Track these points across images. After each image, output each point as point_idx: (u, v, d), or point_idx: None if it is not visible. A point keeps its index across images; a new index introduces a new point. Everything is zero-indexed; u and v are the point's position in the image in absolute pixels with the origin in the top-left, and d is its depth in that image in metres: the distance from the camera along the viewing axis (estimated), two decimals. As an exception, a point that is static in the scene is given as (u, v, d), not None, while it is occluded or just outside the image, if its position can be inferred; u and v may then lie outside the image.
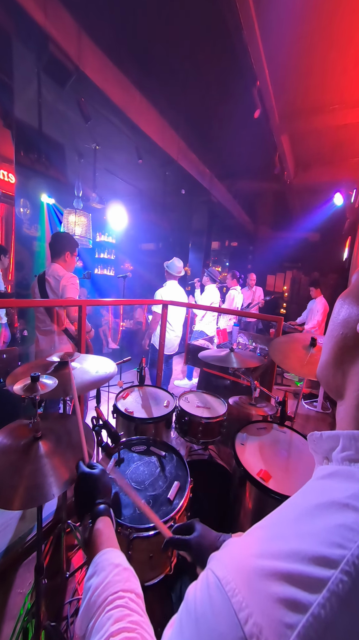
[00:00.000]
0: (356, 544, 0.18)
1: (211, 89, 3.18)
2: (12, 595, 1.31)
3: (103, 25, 2.53)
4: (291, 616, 0.17)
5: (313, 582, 0.17)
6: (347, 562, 0.18)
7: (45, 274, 2.12)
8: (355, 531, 0.19)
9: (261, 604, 0.17)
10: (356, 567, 0.17)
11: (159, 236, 7.08)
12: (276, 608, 0.17)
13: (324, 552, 0.18)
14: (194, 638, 0.20)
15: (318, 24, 2.33)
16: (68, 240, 2.22)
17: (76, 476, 0.62)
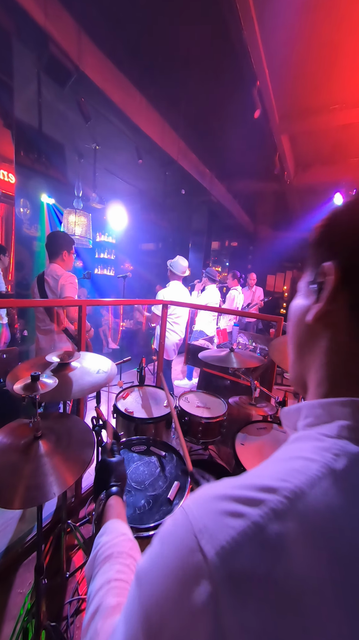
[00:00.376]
0: (299, 479, 0.23)
1: (211, 89, 3.18)
2: (12, 595, 1.31)
3: (103, 25, 2.53)
4: (235, 521, 0.21)
5: (257, 502, 0.21)
6: (287, 489, 0.22)
7: (44, 274, 2.13)
8: (301, 472, 0.23)
9: (211, 515, 0.22)
10: (295, 494, 0.21)
11: (159, 236, 7.08)
12: (223, 516, 0.21)
13: (271, 484, 0.23)
14: (158, 546, 0.24)
15: (318, 24, 2.33)
16: (63, 238, 2.23)
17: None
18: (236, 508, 0.21)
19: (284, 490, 0.22)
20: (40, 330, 2.13)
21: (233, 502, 0.22)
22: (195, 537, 0.21)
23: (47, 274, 2.12)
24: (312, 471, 0.23)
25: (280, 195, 5.88)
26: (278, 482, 0.23)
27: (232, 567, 0.19)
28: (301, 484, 0.22)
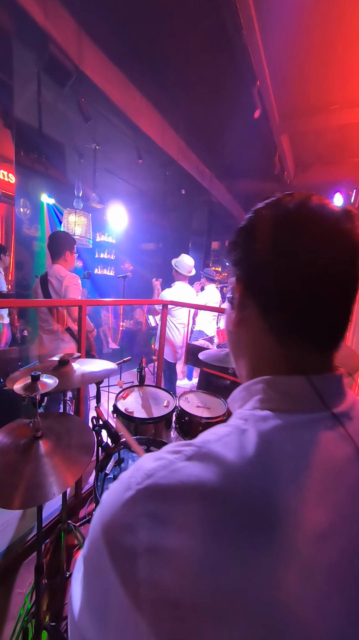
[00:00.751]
0: (210, 437, 0.30)
1: (211, 89, 3.18)
2: (12, 595, 1.31)
3: (103, 25, 2.53)
4: (158, 461, 0.28)
5: (177, 452, 0.29)
6: (199, 442, 0.30)
7: (47, 274, 2.13)
8: (214, 433, 0.31)
9: (146, 460, 0.29)
10: (203, 443, 0.29)
11: (159, 236, 7.08)
12: (152, 460, 0.29)
13: (191, 442, 0.30)
14: (104, 497, 0.29)
15: (318, 24, 2.33)
16: (65, 239, 2.22)
17: None
18: (162, 455, 0.29)
19: (197, 443, 0.30)
20: (44, 330, 2.14)
21: (163, 453, 0.29)
22: (132, 476, 0.28)
23: (51, 275, 2.12)
24: (222, 432, 0.31)
25: (280, 195, 5.87)
26: (196, 441, 0.30)
27: (149, 484, 0.26)
28: (210, 439, 0.30)
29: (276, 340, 0.35)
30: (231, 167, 5.16)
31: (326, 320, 0.33)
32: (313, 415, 0.31)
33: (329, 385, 0.33)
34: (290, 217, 0.34)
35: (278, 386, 0.34)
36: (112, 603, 0.25)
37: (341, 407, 0.33)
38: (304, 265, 0.32)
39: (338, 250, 0.32)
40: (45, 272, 2.16)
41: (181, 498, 0.25)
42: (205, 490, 0.25)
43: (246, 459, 0.27)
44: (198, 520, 0.24)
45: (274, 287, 0.34)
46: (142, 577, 0.23)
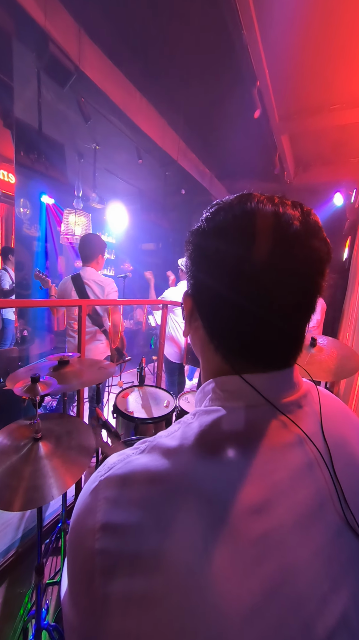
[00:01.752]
0: (163, 434, 0.35)
1: (211, 89, 3.17)
2: (12, 595, 1.31)
3: (103, 25, 2.52)
4: (119, 456, 0.33)
5: (135, 447, 0.34)
6: (153, 439, 0.34)
7: (82, 277, 2.17)
8: (168, 431, 0.35)
9: (112, 458, 0.34)
10: (155, 439, 0.34)
11: (159, 236, 7.07)
12: (117, 457, 0.34)
13: (148, 439, 0.35)
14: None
15: (318, 23, 2.32)
16: (98, 242, 2.31)
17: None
18: (124, 452, 0.34)
19: (151, 438, 0.34)
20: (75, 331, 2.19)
21: (126, 450, 0.34)
22: (99, 471, 0.33)
23: (87, 278, 2.16)
24: (173, 427, 0.35)
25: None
26: (151, 437, 0.35)
27: (109, 475, 0.31)
28: (162, 434, 0.35)
29: (214, 351, 0.39)
30: (231, 167, 5.15)
31: (256, 342, 0.35)
32: (256, 408, 0.34)
33: (270, 381, 0.35)
34: (213, 246, 0.36)
35: (223, 385, 0.37)
36: (78, 574, 0.30)
37: (289, 398, 0.36)
38: (235, 291, 0.34)
39: (267, 278, 0.32)
40: (77, 274, 2.20)
41: (130, 483, 0.30)
42: (148, 475, 0.30)
43: (186, 446, 0.31)
44: (140, 499, 0.29)
45: (208, 308, 0.38)
46: (97, 548, 0.28)
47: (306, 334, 0.37)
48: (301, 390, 0.38)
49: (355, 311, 3.53)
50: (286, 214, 0.33)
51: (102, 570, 0.27)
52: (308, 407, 0.37)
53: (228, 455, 0.31)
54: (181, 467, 0.30)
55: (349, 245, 5.60)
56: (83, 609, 0.28)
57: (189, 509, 0.27)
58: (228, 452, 0.31)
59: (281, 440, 0.33)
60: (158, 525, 0.27)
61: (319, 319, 4.28)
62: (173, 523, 0.27)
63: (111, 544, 0.27)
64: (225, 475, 0.29)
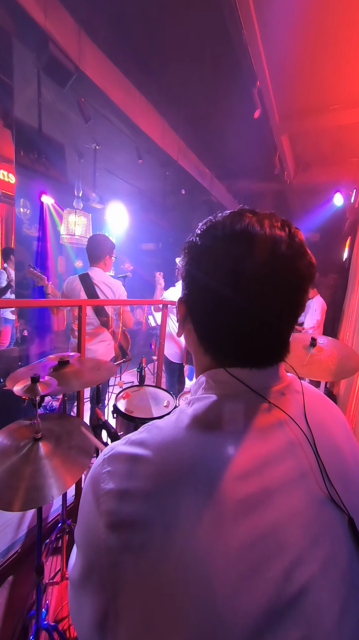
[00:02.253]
0: (157, 422, 0.39)
1: (211, 89, 3.17)
2: (12, 595, 1.31)
3: (103, 25, 2.52)
4: (120, 441, 0.38)
5: (135, 432, 0.39)
6: (150, 424, 0.39)
7: (91, 278, 2.16)
8: (164, 419, 0.40)
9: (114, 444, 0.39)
10: (151, 424, 0.39)
11: (159, 236, 7.07)
12: (118, 441, 0.38)
13: (146, 424, 0.40)
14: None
15: (318, 23, 2.32)
16: (106, 243, 2.26)
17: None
18: (126, 436, 0.39)
19: (148, 424, 0.39)
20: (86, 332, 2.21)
21: (129, 435, 0.39)
22: (104, 451, 0.38)
23: (96, 280, 2.16)
24: (169, 416, 0.40)
25: (280, 195, 5.87)
26: (149, 423, 0.40)
27: (111, 453, 0.36)
28: (159, 421, 0.39)
29: (204, 352, 0.43)
30: (231, 167, 5.15)
31: (242, 348, 0.40)
32: (244, 396, 0.39)
33: (256, 375, 0.40)
34: (207, 258, 0.40)
35: (215, 376, 0.41)
36: (86, 538, 0.34)
37: (273, 387, 0.40)
38: (222, 303, 0.38)
39: (252, 287, 0.36)
40: (85, 274, 2.18)
41: (124, 459, 0.35)
42: (145, 446, 0.35)
43: (180, 426, 0.37)
44: (137, 470, 0.33)
45: (199, 316, 0.43)
46: (102, 510, 0.33)
47: (290, 337, 0.42)
48: (285, 381, 0.43)
49: (355, 311, 3.53)
50: (273, 237, 0.36)
51: (106, 526, 0.32)
52: (290, 395, 0.42)
53: (217, 433, 0.35)
54: (175, 438, 0.35)
55: (349, 245, 5.60)
56: (89, 566, 0.33)
57: (181, 477, 0.32)
58: (218, 430, 0.35)
59: (266, 422, 0.37)
60: (151, 492, 0.31)
61: (319, 319, 4.28)
62: (168, 487, 0.31)
63: (113, 506, 0.32)
64: (215, 448, 0.34)
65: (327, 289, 6.32)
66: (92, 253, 2.22)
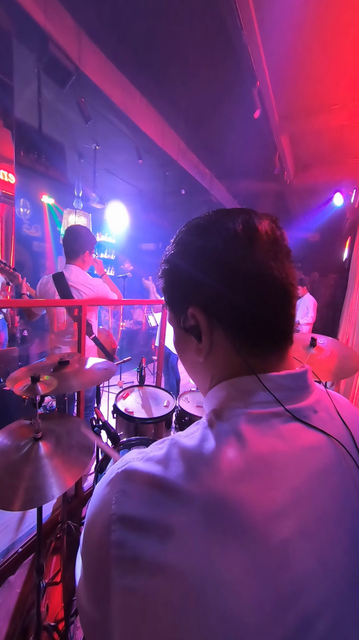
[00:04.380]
0: (181, 434, 0.35)
1: (211, 89, 3.17)
2: (12, 595, 1.31)
3: (103, 25, 2.52)
4: (136, 454, 0.34)
5: (155, 445, 0.35)
6: (171, 438, 0.34)
7: (67, 279, 1.83)
8: (186, 431, 0.36)
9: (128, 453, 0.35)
10: (174, 437, 0.34)
11: (159, 236, 7.08)
12: (132, 453, 0.34)
13: (167, 437, 0.35)
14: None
15: (318, 24, 2.33)
16: (87, 236, 1.91)
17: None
18: (145, 450, 0.34)
19: (170, 439, 0.34)
20: (63, 342, 1.97)
21: (147, 448, 0.35)
22: (117, 464, 0.33)
23: (73, 281, 1.83)
24: (192, 429, 0.36)
25: (280, 196, 5.88)
26: (171, 436, 0.35)
27: (125, 468, 0.32)
28: (181, 434, 0.35)
29: (235, 352, 0.38)
30: (231, 167, 5.15)
31: (274, 327, 0.38)
32: (271, 409, 0.35)
33: (283, 380, 0.37)
34: (224, 255, 0.38)
35: (238, 385, 0.37)
36: (93, 565, 0.30)
37: (303, 402, 0.36)
38: (252, 290, 0.36)
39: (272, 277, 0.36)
40: (59, 273, 1.85)
41: (147, 480, 0.30)
42: (165, 476, 0.30)
43: (204, 448, 0.31)
44: (156, 498, 0.28)
45: (231, 312, 0.38)
46: (113, 540, 0.28)
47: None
48: (314, 394, 0.39)
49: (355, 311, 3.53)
50: (264, 226, 0.40)
51: (116, 561, 0.27)
52: (322, 412, 0.37)
53: (247, 460, 0.30)
54: (199, 471, 0.29)
55: (349, 245, 5.60)
56: (98, 600, 0.29)
57: (208, 514, 0.27)
58: (246, 457, 0.30)
59: (297, 445, 0.33)
60: (174, 528, 0.26)
61: (313, 315, 4.40)
62: (190, 527, 0.26)
63: (127, 537, 0.27)
64: (245, 481, 0.29)
65: (327, 289, 6.32)
66: (69, 247, 1.87)
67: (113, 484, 0.31)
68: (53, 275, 1.85)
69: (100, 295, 1.91)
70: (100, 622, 0.28)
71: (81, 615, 0.33)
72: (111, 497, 0.30)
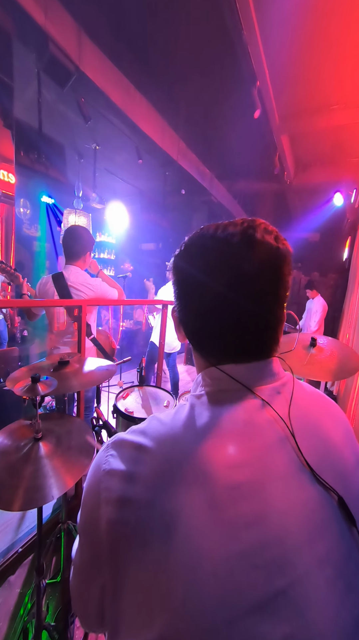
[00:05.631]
0: (159, 414, 0.42)
1: (211, 89, 3.17)
2: (12, 595, 1.31)
3: (103, 25, 2.53)
4: (122, 432, 0.41)
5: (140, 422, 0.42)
6: (150, 415, 0.44)
7: (67, 279, 1.83)
8: (166, 411, 0.42)
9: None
10: (152, 417, 0.42)
11: (159, 236, 7.07)
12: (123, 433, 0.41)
13: (149, 416, 0.44)
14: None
15: (318, 24, 2.33)
16: (88, 237, 1.92)
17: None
18: (131, 429, 0.41)
19: (150, 415, 0.43)
20: (62, 342, 1.98)
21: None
22: (110, 438, 0.41)
23: (72, 281, 1.83)
24: (169, 410, 0.44)
25: (280, 195, 5.87)
26: (152, 415, 0.43)
27: (115, 439, 0.39)
28: (160, 413, 0.42)
29: (199, 353, 0.47)
30: (231, 167, 5.15)
31: (231, 345, 0.42)
32: (237, 392, 0.41)
33: (248, 370, 0.42)
34: (184, 267, 0.44)
35: (209, 374, 0.44)
36: (88, 509, 0.37)
37: (268, 385, 0.42)
38: (207, 310, 0.42)
39: (229, 286, 0.39)
40: (59, 274, 1.85)
41: (127, 446, 0.38)
42: (145, 435, 0.38)
43: (176, 422, 0.39)
44: (138, 456, 0.36)
45: (190, 325, 0.46)
46: (102, 487, 0.35)
47: (279, 330, 0.44)
48: (281, 379, 0.44)
49: (355, 311, 3.53)
50: (247, 231, 0.40)
51: (105, 501, 0.34)
52: (285, 394, 0.43)
53: (213, 429, 0.37)
54: (168, 434, 0.38)
55: (349, 245, 5.60)
56: (91, 536, 0.36)
57: (181, 466, 0.34)
58: (212, 425, 0.38)
59: (257, 418, 0.39)
60: (147, 475, 0.34)
61: (319, 319, 4.31)
62: (167, 477, 0.33)
63: (112, 483, 0.35)
64: (210, 443, 0.36)
65: (327, 289, 6.32)
66: (70, 248, 1.88)
67: (105, 450, 0.39)
68: (52, 276, 1.86)
69: (100, 294, 1.92)
70: (93, 557, 0.35)
71: (75, 560, 0.40)
72: (102, 459, 0.38)
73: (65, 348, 1.97)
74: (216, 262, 0.40)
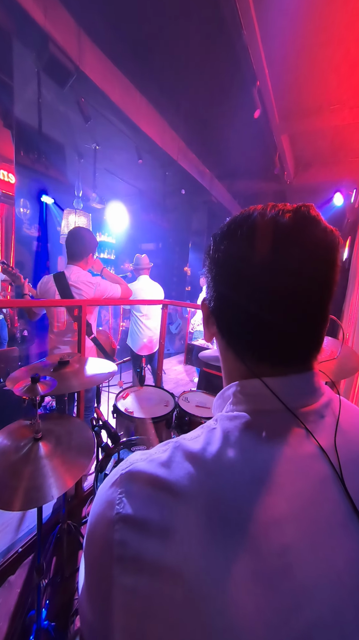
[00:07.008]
0: (184, 439, 0.34)
1: (211, 89, 3.17)
2: (12, 595, 1.31)
3: (103, 25, 2.52)
4: (140, 455, 0.34)
5: (159, 447, 0.34)
6: (176, 440, 0.34)
7: (68, 278, 1.86)
8: (190, 434, 0.35)
9: (131, 455, 0.34)
10: (178, 440, 0.34)
11: (159, 236, 7.07)
12: (136, 454, 0.34)
13: (172, 440, 0.35)
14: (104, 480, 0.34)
15: (318, 24, 2.32)
16: (91, 239, 1.94)
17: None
18: (149, 451, 0.34)
19: (174, 440, 0.34)
20: (62, 342, 1.99)
21: (151, 449, 0.34)
22: (120, 466, 0.33)
23: (74, 280, 1.86)
24: (196, 432, 0.35)
25: (280, 195, 5.87)
26: (176, 438, 0.35)
27: (131, 469, 0.31)
28: (186, 437, 0.34)
29: (234, 354, 0.39)
30: (231, 167, 5.15)
31: (273, 344, 0.35)
32: (278, 415, 0.34)
33: (288, 385, 0.35)
34: (229, 259, 0.37)
35: (244, 389, 0.37)
36: (94, 566, 0.30)
37: (311, 406, 0.35)
38: (247, 298, 0.35)
39: (281, 282, 0.33)
40: (61, 273, 1.88)
41: (151, 481, 0.30)
42: (170, 478, 0.30)
43: (208, 452, 0.31)
44: (160, 500, 0.28)
45: (225, 316, 0.39)
46: (116, 539, 0.28)
47: (325, 330, 0.36)
48: (323, 398, 0.37)
49: (355, 311, 3.52)
50: (273, 211, 0.34)
51: (118, 560, 0.27)
52: (329, 417, 0.35)
53: (255, 468, 0.30)
54: (203, 474, 0.29)
55: (349, 245, 5.60)
56: (100, 600, 0.28)
57: (210, 516, 0.27)
58: (256, 465, 0.30)
59: (302, 451, 0.32)
60: (176, 530, 0.26)
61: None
62: (191, 529, 0.26)
63: (129, 536, 0.27)
64: (248, 485, 0.28)
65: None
66: (73, 249, 1.90)
67: (118, 485, 0.31)
68: (54, 275, 1.88)
69: (102, 290, 1.93)
70: (101, 623, 0.28)
71: (81, 618, 0.33)
72: (115, 498, 0.30)
73: (65, 348, 1.98)
74: (263, 242, 0.33)
